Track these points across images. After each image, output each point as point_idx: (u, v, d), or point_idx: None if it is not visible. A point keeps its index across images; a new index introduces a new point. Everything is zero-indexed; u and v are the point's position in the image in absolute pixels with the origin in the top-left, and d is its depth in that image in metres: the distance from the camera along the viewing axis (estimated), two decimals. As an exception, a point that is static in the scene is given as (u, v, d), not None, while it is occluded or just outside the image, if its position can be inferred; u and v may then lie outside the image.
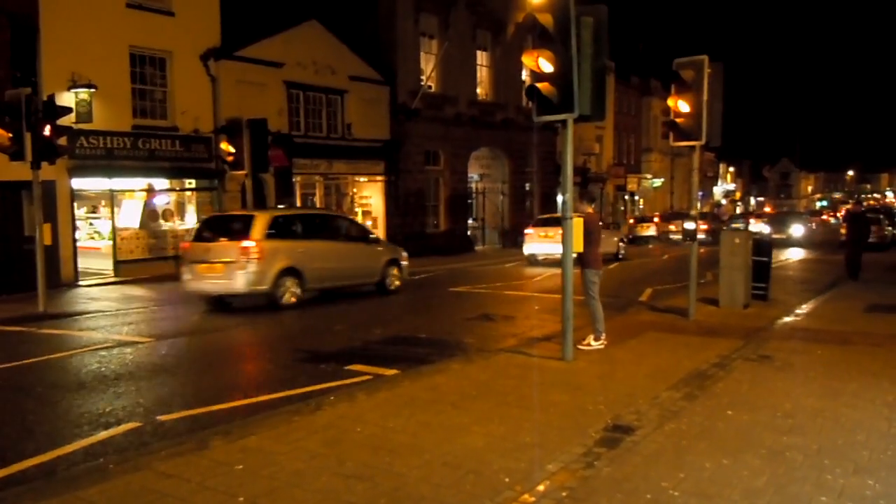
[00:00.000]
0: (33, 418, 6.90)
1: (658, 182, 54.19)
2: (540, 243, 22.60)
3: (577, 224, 8.21)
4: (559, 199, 34.40)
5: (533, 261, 23.02)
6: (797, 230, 38.33)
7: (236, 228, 13.49)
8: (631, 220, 42.53)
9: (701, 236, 26.03)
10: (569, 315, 8.19)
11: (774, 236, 30.52)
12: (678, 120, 10.76)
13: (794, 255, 27.85)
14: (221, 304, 13.90)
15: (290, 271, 13.55)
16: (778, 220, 41.05)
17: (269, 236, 13.35)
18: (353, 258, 15.10)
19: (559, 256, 8.39)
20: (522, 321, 12.29)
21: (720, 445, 5.48)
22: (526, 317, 12.78)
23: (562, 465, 5.02)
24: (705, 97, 10.58)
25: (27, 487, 4.90)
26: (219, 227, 14.29)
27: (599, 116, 8.16)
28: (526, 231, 23.87)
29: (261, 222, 13.29)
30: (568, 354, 8.27)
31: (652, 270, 22.01)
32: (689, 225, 11.80)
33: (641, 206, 52.44)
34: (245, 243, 13.01)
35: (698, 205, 13.13)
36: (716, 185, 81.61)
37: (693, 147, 11.39)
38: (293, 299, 13.67)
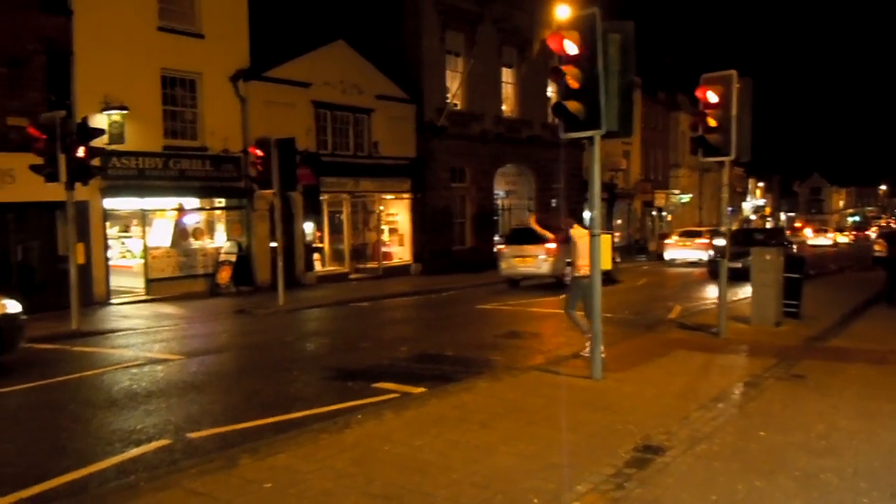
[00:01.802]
0: (66, 435, 6.99)
1: (686, 198, 53.77)
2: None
3: (606, 241, 8.16)
4: (586, 215, 34.34)
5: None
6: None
7: (536, 236, 15.96)
8: (676, 236, 38.78)
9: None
10: (597, 333, 8.13)
11: (730, 265, 24.47)
12: (707, 135, 10.68)
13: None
14: (514, 284, 20.73)
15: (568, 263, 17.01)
16: (739, 242, 26.40)
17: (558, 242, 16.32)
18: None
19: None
20: (550, 339, 12.22)
21: (753, 467, 5.39)
22: (553, 334, 12.70)
23: (591, 486, 4.97)
24: (734, 112, 10.50)
25: (60, 505, 4.96)
26: (522, 236, 20.29)
27: (627, 132, 8.13)
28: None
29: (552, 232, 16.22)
30: (597, 373, 8.20)
31: (679, 286, 21.80)
32: (720, 241, 11.67)
33: (669, 222, 52.01)
34: (549, 245, 18.48)
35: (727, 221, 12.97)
36: (745, 200, 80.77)
37: (722, 162, 11.29)
38: (568, 279, 16.61)
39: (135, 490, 5.09)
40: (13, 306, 10.59)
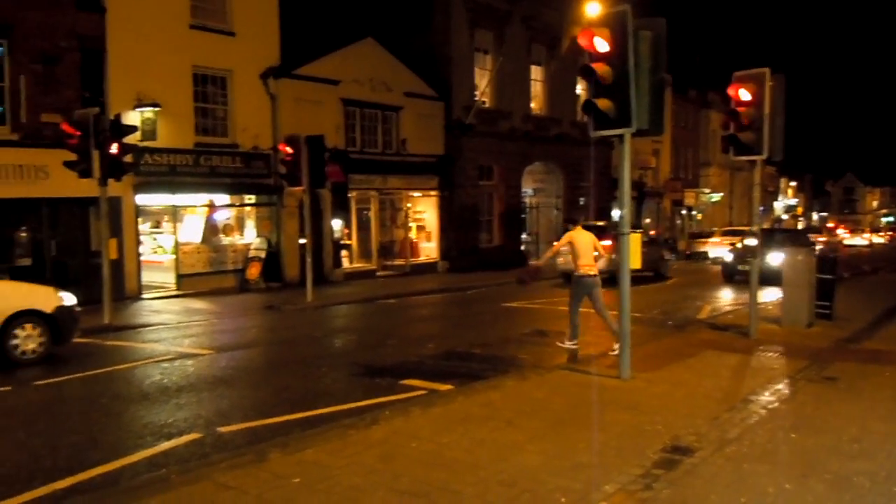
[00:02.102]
0: (99, 428, 7.10)
1: (717, 197, 53.18)
2: None
3: (635, 240, 8.10)
4: (615, 213, 34.10)
5: None
6: (775, 259, 23.88)
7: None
8: (719, 236, 38.13)
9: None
10: (626, 332, 8.09)
11: (740, 268, 21.62)
12: (739, 134, 10.55)
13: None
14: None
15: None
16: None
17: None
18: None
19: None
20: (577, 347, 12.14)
21: (783, 469, 5.32)
22: (580, 333, 12.62)
23: (619, 487, 4.94)
24: (767, 110, 10.36)
25: (92, 496, 5.05)
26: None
27: (657, 131, 8.07)
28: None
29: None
30: (625, 373, 8.15)
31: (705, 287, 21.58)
32: (751, 241, 11.54)
33: (699, 221, 51.49)
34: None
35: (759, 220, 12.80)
36: (776, 200, 79.67)
37: (754, 161, 11.16)
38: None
39: (166, 483, 5.16)
40: (69, 298, 11.00)
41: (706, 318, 14.07)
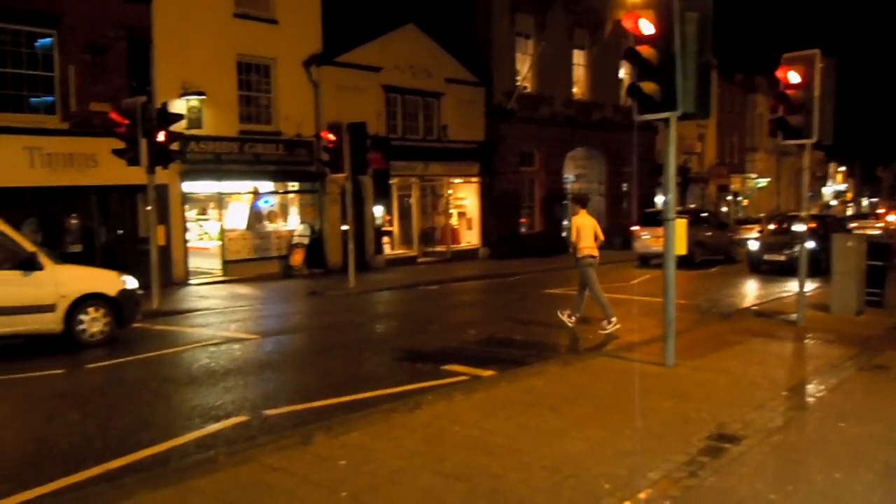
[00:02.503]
0: (149, 410, 7.28)
1: (763, 182, 52.15)
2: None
3: (681, 225, 8.00)
4: (658, 199, 33.67)
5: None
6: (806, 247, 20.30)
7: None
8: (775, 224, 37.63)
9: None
10: (670, 319, 8.00)
11: (767, 258, 20.26)
12: (788, 117, 10.33)
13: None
14: (645, 261, 22.32)
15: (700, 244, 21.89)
16: (783, 230, 22.13)
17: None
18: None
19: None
20: (620, 324, 12.05)
21: (832, 458, 5.23)
22: (623, 320, 12.50)
23: (664, 474, 4.91)
24: (816, 93, 10.12)
25: (144, 476, 5.17)
26: (653, 218, 21.88)
27: (704, 114, 7.92)
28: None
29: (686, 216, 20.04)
30: (669, 360, 8.07)
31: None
32: (799, 227, 11.31)
33: (745, 207, 50.58)
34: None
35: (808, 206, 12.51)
36: (825, 185, 77.83)
37: (803, 146, 10.92)
38: (699, 259, 21.85)
39: (215, 464, 5.27)
40: (131, 282, 11.35)
41: (752, 306, 13.84)
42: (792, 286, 15.49)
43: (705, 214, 26.74)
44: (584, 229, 11.22)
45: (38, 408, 7.46)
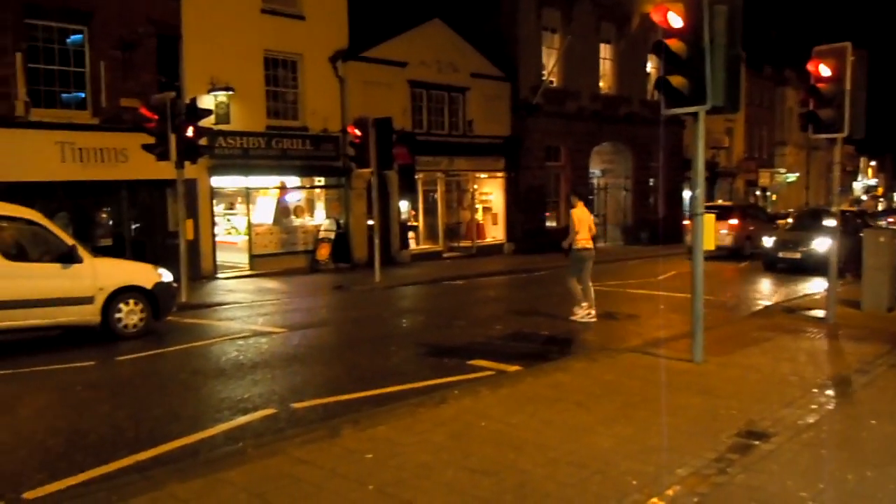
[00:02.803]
0: (178, 402, 7.37)
1: (792, 177, 51.44)
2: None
3: (709, 221, 7.93)
4: (686, 194, 33.36)
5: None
6: (822, 245, 17.72)
7: (720, 213, 18.90)
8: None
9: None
10: (699, 314, 7.93)
11: (782, 255, 19.00)
12: (818, 111, 10.18)
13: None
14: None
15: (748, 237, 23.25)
16: (799, 226, 20.85)
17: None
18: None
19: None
20: (647, 320, 12.00)
21: (863, 457, 5.16)
22: (650, 316, 12.47)
23: (692, 471, 4.87)
24: (847, 87, 9.97)
25: (174, 467, 5.24)
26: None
27: (733, 108, 7.83)
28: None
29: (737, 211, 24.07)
30: (697, 356, 8.01)
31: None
32: (830, 222, 11.16)
33: (774, 202, 49.93)
34: (732, 221, 22.76)
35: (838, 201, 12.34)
36: (856, 180, 76.61)
37: (833, 140, 10.76)
38: (748, 252, 22.70)
39: (243, 456, 5.33)
40: (167, 275, 11.57)
41: (781, 302, 13.67)
42: (817, 284, 15.35)
43: (753, 209, 28.08)
44: (583, 222, 11.63)
45: (71, 399, 7.59)
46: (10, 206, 10.56)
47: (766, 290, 16.01)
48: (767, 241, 19.98)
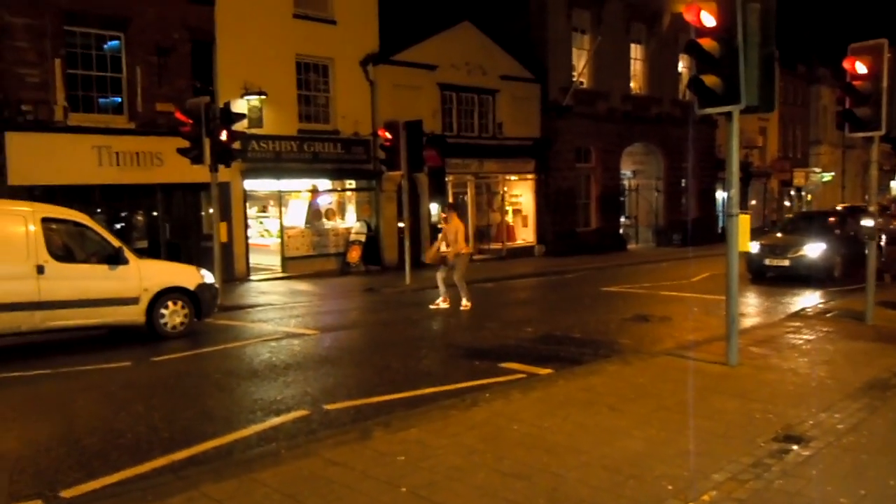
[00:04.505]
0: (212, 403, 7.45)
1: (828, 176, 50.53)
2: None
3: (744, 221, 7.82)
4: (719, 195, 32.95)
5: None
6: (814, 249, 17.00)
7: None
8: None
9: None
10: (733, 317, 7.83)
11: (767, 262, 17.29)
12: (855, 109, 10.00)
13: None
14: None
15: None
16: (793, 230, 19.42)
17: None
18: None
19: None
20: (680, 322, 11.87)
21: (906, 462, 5.05)
22: (684, 318, 12.33)
23: (729, 475, 4.80)
24: (885, 84, 9.78)
25: (208, 468, 5.29)
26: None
27: (768, 107, 7.72)
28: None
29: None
30: (732, 359, 7.90)
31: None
32: (868, 222, 10.95)
33: (809, 202, 49.13)
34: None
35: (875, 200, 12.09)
36: (893, 179, 75.03)
37: (870, 138, 10.56)
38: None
39: (276, 457, 5.36)
40: (209, 277, 11.85)
41: (820, 303, 13.43)
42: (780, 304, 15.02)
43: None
44: (459, 232, 13.69)
45: (107, 399, 7.70)
46: (59, 208, 10.87)
47: (798, 290, 15.58)
48: (755, 247, 17.39)
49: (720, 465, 4.96)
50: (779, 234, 19.15)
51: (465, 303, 13.79)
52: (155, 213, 17.71)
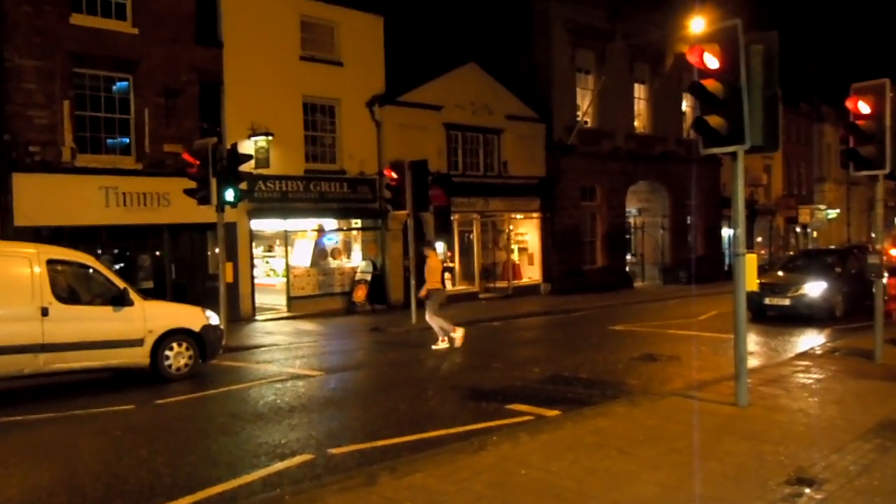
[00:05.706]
0: (216, 447, 7.38)
1: (833, 213, 50.53)
2: None
3: (751, 260, 7.80)
4: (725, 232, 32.93)
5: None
6: (815, 288, 16.81)
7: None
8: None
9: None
10: (742, 356, 7.76)
11: (767, 301, 16.78)
12: (859, 148, 10.03)
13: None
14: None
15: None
16: (794, 268, 19.43)
17: None
18: None
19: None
20: (689, 362, 11.76)
21: (922, 506, 4.95)
22: (692, 357, 12.22)
23: (741, 520, 4.72)
24: (888, 123, 9.83)
25: (213, 513, 5.22)
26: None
27: (772, 147, 7.75)
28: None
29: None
30: (742, 399, 7.81)
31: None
32: (874, 259, 10.90)
33: (815, 239, 49.04)
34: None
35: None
36: (897, 215, 74.94)
37: (875, 176, 10.58)
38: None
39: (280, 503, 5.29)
40: (214, 318, 11.79)
41: (827, 342, 13.32)
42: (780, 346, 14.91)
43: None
44: (436, 271, 14.33)
45: (110, 443, 7.63)
46: (64, 250, 10.89)
47: (806, 330, 15.43)
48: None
49: (732, 511, 4.87)
50: (780, 273, 18.96)
51: (438, 344, 13.78)
52: (161, 254, 17.75)
